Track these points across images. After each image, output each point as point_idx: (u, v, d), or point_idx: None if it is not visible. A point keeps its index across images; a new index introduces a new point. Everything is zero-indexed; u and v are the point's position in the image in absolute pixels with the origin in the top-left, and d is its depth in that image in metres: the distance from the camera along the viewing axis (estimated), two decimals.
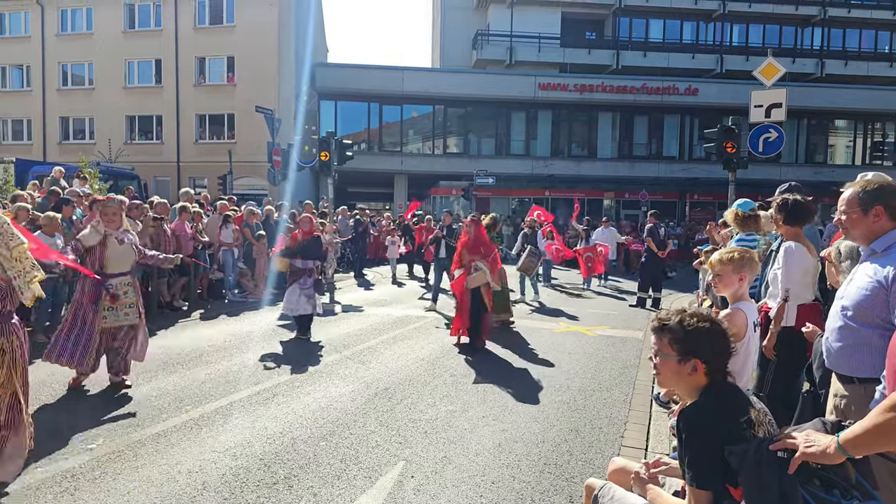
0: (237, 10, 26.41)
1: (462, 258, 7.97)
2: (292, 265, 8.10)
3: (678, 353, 2.07)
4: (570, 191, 29.89)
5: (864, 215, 2.51)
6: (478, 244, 7.93)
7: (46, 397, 5.35)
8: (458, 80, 29.51)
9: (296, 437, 4.52)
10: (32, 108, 27.91)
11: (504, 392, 5.82)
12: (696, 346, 2.05)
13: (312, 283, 8.18)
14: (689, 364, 2.05)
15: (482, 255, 7.86)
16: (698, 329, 2.06)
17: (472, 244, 7.93)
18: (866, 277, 2.42)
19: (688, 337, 2.06)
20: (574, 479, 3.90)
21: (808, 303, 3.96)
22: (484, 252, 7.91)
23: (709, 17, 32.81)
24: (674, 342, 2.08)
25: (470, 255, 7.86)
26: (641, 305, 11.57)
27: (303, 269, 8.10)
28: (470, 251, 7.90)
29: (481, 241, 8.02)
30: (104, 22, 27.17)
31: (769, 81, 11.91)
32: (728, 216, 5.50)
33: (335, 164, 16.20)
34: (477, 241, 7.95)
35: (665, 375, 2.14)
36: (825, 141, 33.53)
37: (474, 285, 7.63)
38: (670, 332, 2.10)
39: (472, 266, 7.76)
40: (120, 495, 3.54)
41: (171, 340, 7.85)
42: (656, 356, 2.15)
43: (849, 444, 1.64)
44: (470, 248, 7.91)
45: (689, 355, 2.05)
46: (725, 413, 1.95)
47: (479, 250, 7.89)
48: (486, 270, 7.68)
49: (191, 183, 25.34)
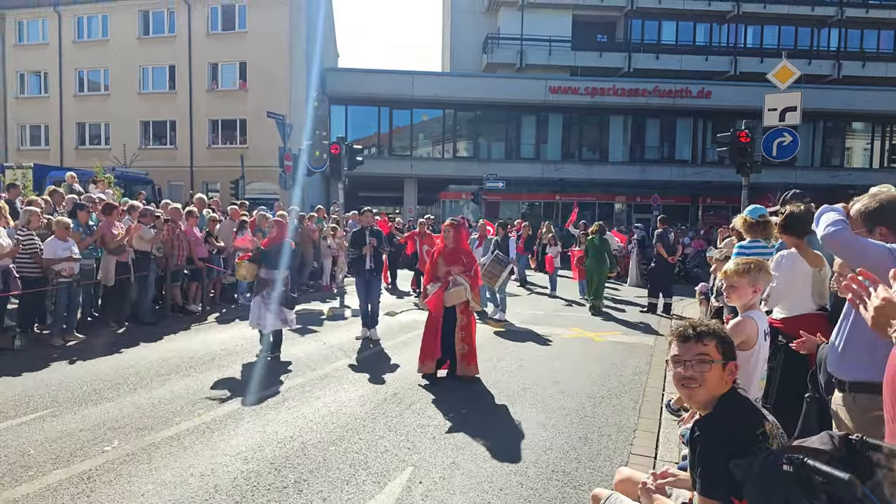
0: (249, 17, 26.66)
1: (437, 269, 6.60)
2: (258, 274, 7.29)
3: (723, 356, 2.07)
4: (581, 195, 29.80)
5: (871, 234, 2.52)
6: (458, 253, 6.64)
7: (63, 400, 5.43)
8: (469, 84, 29.55)
9: (306, 441, 4.56)
10: (50, 114, 28.35)
11: (512, 398, 5.82)
12: (732, 349, 2.13)
13: (279, 296, 7.18)
14: (729, 367, 2.07)
15: (463, 267, 6.54)
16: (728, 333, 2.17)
17: (450, 252, 6.62)
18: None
19: (728, 340, 2.12)
20: (582, 486, 3.90)
21: (810, 312, 3.92)
22: (465, 262, 6.60)
23: (722, 19, 32.58)
24: (719, 345, 2.08)
25: (448, 265, 6.55)
26: (652, 311, 11.51)
27: (266, 280, 7.22)
28: (448, 261, 6.57)
29: (462, 250, 6.73)
30: (119, 29, 27.57)
31: (784, 85, 11.81)
32: (737, 222, 5.48)
33: (346, 168, 16.31)
34: (457, 250, 6.65)
35: (709, 384, 2.05)
36: (842, 144, 33.12)
37: (452, 302, 6.39)
38: (716, 336, 2.08)
39: (451, 279, 6.45)
40: (134, 497, 3.60)
41: (183, 344, 7.94)
42: (701, 363, 2.06)
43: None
44: (448, 258, 6.59)
45: (729, 358, 2.08)
46: (743, 424, 1.96)
47: (460, 260, 6.58)
48: (466, 286, 6.40)
49: (203, 188, 25.60)
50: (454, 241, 6.63)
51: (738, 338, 3.09)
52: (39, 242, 7.83)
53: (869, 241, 2.46)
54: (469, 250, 6.91)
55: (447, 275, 6.49)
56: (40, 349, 7.38)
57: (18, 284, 7.39)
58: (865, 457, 1.70)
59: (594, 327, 9.80)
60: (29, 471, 3.94)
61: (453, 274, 6.47)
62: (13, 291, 7.38)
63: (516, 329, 9.49)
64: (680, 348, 2.11)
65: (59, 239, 7.74)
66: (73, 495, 3.62)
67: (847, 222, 2.61)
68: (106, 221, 8.69)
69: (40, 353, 7.21)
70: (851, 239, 2.52)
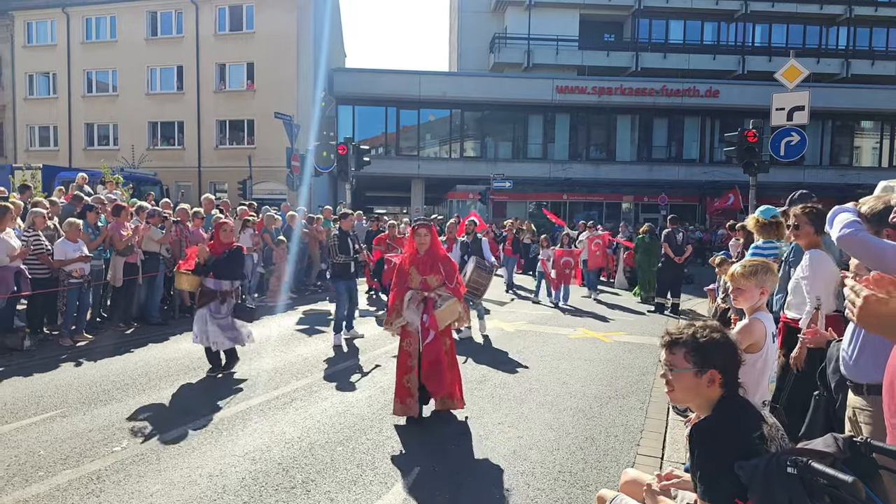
0: (257, 17, 26.76)
1: (409, 281, 5.18)
2: (203, 284, 6.42)
3: (695, 364, 2.07)
4: (589, 194, 29.76)
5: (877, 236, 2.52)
6: (434, 260, 5.19)
7: (73, 400, 5.48)
8: (476, 84, 29.57)
9: (313, 441, 4.59)
10: (58, 115, 28.56)
11: (519, 398, 5.83)
12: (713, 356, 2.05)
13: (229, 310, 6.42)
14: (706, 376, 2.05)
15: (442, 278, 5.16)
16: (712, 340, 2.06)
17: (424, 260, 5.19)
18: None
19: (703, 348, 2.06)
20: (588, 487, 3.90)
21: (830, 313, 3.91)
22: (445, 272, 5.19)
23: (730, 18, 32.44)
24: (689, 355, 2.08)
25: (422, 275, 5.15)
26: (660, 311, 11.49)
27: (214, 292, 6.36)
28: (423, 270, 5.15)
29: (438, 256, 5.26)
30: (127, 29, 27.73)
31: (791, 84, 11.73)
32: (749, 223, 5.46)
33: (353, 169, 16.36)
34: (432, 256, 5.21)
35: (680, 391, 2.12)
36: (851, 143, 32.94)
37: (448, 321, 5.12)
38: (685, 346, 2.10)
39: (436, 295, 5.15)
40: (143, 498, 3.63)
41: (191, 344, 7.96)
42: (670, 371, 2.14)
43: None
44: (422, 267, 5.16)
45: (706, 367, 2.05)
46: (739, 427, 1.96)
47: (437, 269, 5.16)
48: (455, 301, 5.12)
49: (211, 188, 25.76)
50: (429, 246, 5.22)
51: (746, 341, 3.08)
52: (46, 243, 7.89)
53: (887, 243, 2.44)
54: (446, 256, 5.45)
55: (424, 288, 5.14)
56: (50, 350, 7.46)
57: (29, 285, 7.46)
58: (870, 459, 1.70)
59: (601, 328, 9.79)
60: (39, 471, 3.99)
61: (433, 288, 5.15)
62: (24, 292, 7.46)
63: (523, 330, 9.49)
64: (663, 354, 2.20)
65: (69, 240, 7.81)
66: (82, 495, 3.66)
67: (861, 223, 2.59)
68: (115, 223, 8.75)
69: (50, 353, 7.28)
70: (869, 240, 2.49)
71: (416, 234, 5.24)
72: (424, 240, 5.20)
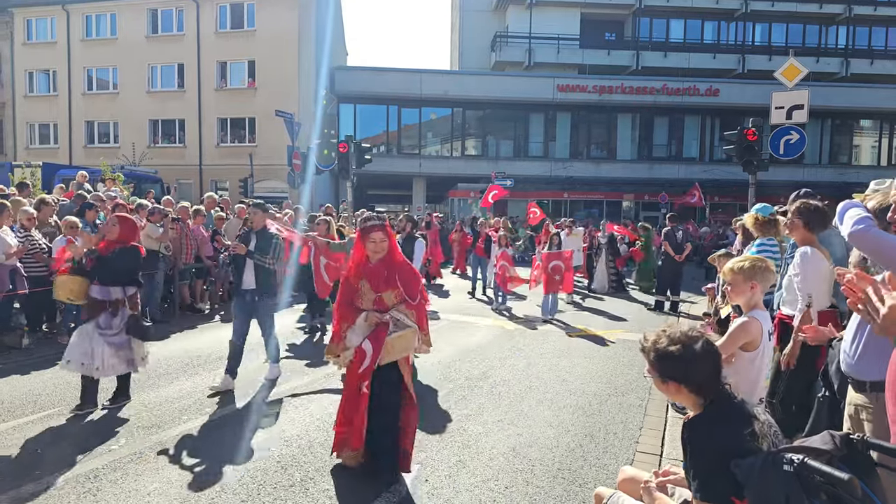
0: (258, 15, 26.75)
1: (358, 298, 3.98)
2: (89, 294, 5.07)
3: (658, 373, 2.10)
4: (589, 193, 29.76)
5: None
6: (390, 269, 3.96)
7: (71, 398, 5.48)
8: (477, 83, 29.56)
9: (312, 440, 4.58)
10: (59, 113, 28.55)
11: (518, 396, 5.83)
12: (669, 370, 2.06)
13: (124, 325, 5.08)
14: (670, 385, 2.08)
15: (400, 293, 3.94)
16: (667, 354, 2.04)
17: (376, 270, 3.95)
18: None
19: (658, 361, 2.08)
20: (588, 484, 3.90)
21: (824, 309, 3.91)
22: (404, 285, 3.95)
23: (731, 17, 32.43)
24: (652, 364, 2.12)
25: (376, 291, 3.93)
26: (660, 309, 11.49)
27: (103, 302, 5.04)
28: (376, 284, 3.93)
29: (395, 264, 4.01)
30: (128, 27, 27.72)
31: (791, 83, 11.72)
32: (748, 221, 5.45)
33: (354, 167, 16.33)
34: (388, 264, 3.97)
35: (662, 392, 2.20)
36: (850, 141, 32.95)
37: (399, 355, 3.91)
38: (647, 355, 2.14)
39: (391, 319, 3.89)
40: (141, 496, 3.63)
41: (191, 342, 7.98)
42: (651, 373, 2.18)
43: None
44: (374, 278, 3.93)
45: (664, 378, 2.08)
46: (728, 426, 1.95)
47: (394, 282, 3.93)
48: (414, 328, 3.92)
49: (212, 186, 25.75)
50: (384, 252, 3.97)
51: (743, 339, 3.09)
52: (42, 241, 7.87)
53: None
54: (405, 262, 4.12)
55: (380, 307, 3.92)
56: (48, 348, 7.43)
57: (25, 284, 7.43)
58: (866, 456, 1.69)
59: (601, 326, 9.78)
60: (36, 469, 3.98)
61: (390, 308, 3.92)
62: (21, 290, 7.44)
63: (522, 327, 9.48)
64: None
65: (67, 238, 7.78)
66: (79, 494, 3.65)
67: (872, 218, 2.56)
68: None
69: (48, 351, 7.25)
70: (882, 236, 2.46)
71: (370, 239, 3.92)
72: (381, 246, 3.93)
